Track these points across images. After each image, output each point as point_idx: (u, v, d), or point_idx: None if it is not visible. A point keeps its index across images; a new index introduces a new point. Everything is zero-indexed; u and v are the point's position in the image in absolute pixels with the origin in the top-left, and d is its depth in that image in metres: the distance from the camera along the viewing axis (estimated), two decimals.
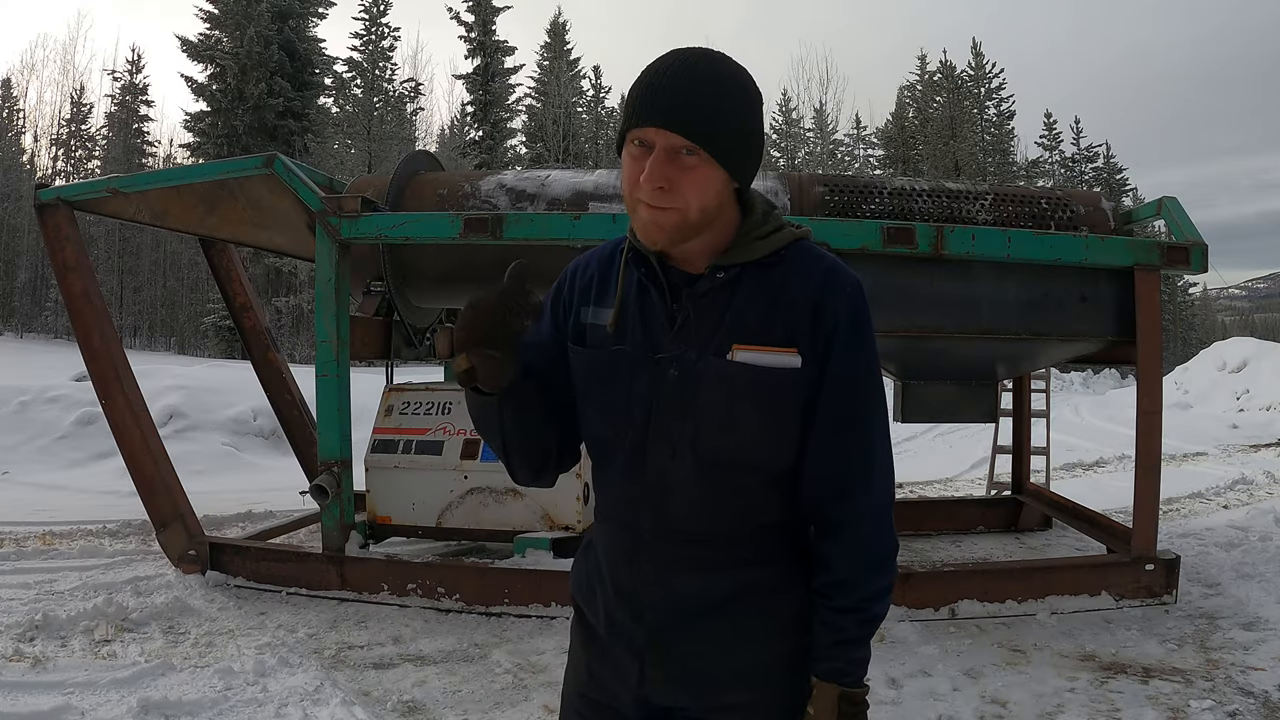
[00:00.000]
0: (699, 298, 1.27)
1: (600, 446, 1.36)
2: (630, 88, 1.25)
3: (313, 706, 3.24)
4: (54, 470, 8.41)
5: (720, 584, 1.30)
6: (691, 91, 1.20)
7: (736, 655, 1.31)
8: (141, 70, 40.92)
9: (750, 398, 1.25)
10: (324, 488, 4.63)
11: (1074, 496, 6.21)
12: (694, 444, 1.27)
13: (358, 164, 31.94)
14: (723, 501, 1.29)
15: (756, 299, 1.26)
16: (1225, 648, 3.91)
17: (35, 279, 35.99)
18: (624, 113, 1.26)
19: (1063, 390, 23.11)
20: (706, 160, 1.20)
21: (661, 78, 1.21)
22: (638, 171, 1.21)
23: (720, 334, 1.26)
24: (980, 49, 42.75)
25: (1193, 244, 4.58)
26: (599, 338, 1.33)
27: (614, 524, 1.37)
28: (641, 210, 1.23)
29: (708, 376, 1.25)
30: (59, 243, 5.18)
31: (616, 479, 1.34)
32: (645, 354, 1.29)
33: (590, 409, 1.35)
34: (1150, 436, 4.55)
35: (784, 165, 42.41)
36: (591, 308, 1.35)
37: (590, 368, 1.33)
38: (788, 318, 1.25)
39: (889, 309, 4.56)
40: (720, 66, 1.23)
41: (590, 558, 1.43)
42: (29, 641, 3.81)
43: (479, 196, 5.11)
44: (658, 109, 1.19)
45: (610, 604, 1.36)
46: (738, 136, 1.23)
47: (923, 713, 3.29)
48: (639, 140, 1.22)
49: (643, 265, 1.30)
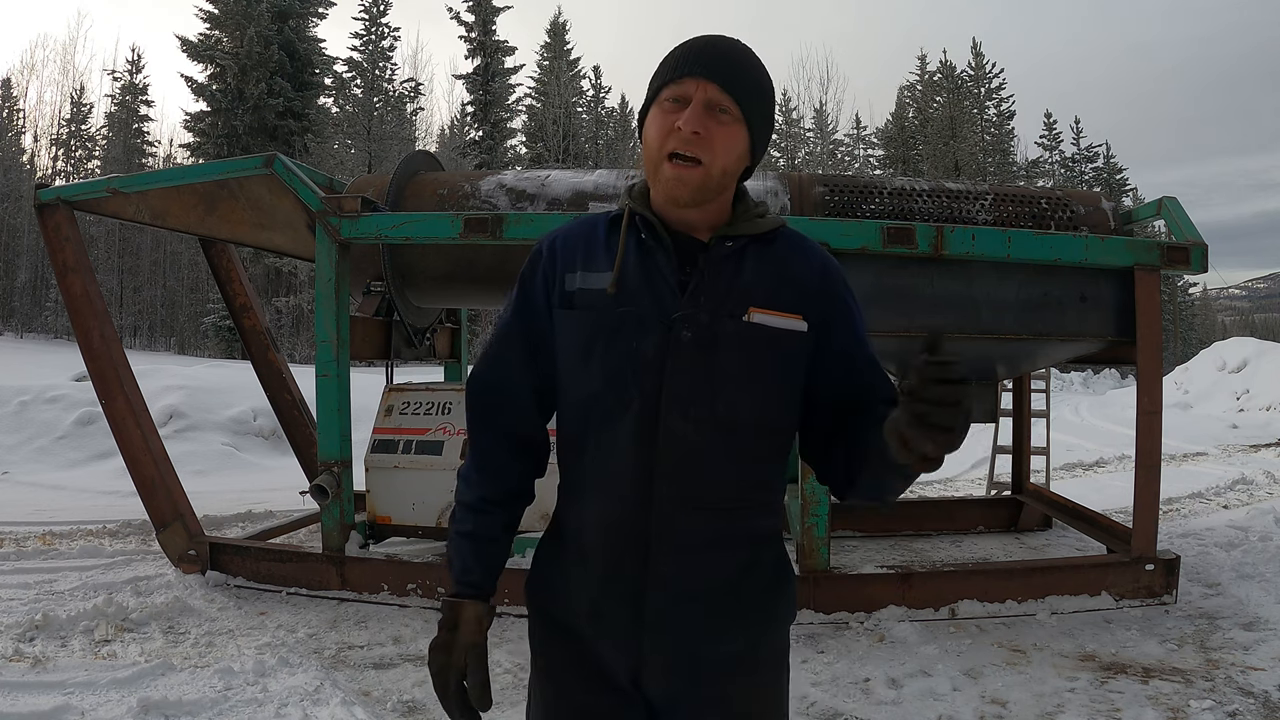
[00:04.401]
0: (713, 264, 1.30)
1: (595, 414, 1.30)
2: (665, 57, 1.32)
3: (313, 706, 3.24)
4: (54, 470, 8.41)
5: (731, 558, 1.31)
6: (733, 54, 1.30)
7: (738, 637, 1.31)
8: (141, 70, 41.00)
9: (768, 358, 1.29)
10: (324, 488, 4.63)
11: (1074, 496, 6.21)
12: (712, 406, 1.27)
13: (358, 164, 31.94)
14: (739, 467, 1.31)
15: (763, 270, 1.32)
16: (1225, 648, 3.91)
17: (35, 279, 36.00)
18: (657, 74, 1.31)
19: (1063, 390, 23.13)
20: (738, 120, 1.28)
21: (702, 41, 1.31)
22: (670, 123, 1.26)
23: (734, 298, 1.29)
24: (980, 49, 42.83)
25: (1193, 244, 4.57)
26: (593, 300, 1.31)
27: (607, 499, 1.29)
28: (666, 168, 1.26)
29: (726, 337, 1.27)
30: (59, 243, 5.18)
31: (619, 448, 1.28)
32: (654, 315, 1.27)
33: (584, 374, 1.31)
34: (1150, 436, 4.55)
35: (784, 165, 42.40)
36: (580, 273, 1.33)
37: (589, 330, 1.30)
38: (794, 290, 1.33)
39: (889, 309, 4.56)
40: (749, 49, 1.33)
41: (559, 548, 1.37)
42: (29, 641, 3.81)
43: (479, 196, 5.11)
44: (700, 63, 1.27)
45: (595, 593, 1.30)
46: (765, 109, 1.32)
47: (923, 713, 3.29)
48: (674, 97, 1.27)
49: (646, 230, 1.31)
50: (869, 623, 4.25)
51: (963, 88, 42.38)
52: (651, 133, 1.29)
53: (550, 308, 1.35)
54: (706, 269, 1.29)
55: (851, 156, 45.50)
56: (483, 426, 1.40)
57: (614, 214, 1.37)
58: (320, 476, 4.67)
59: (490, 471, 1.38)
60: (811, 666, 3.73)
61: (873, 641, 4.04)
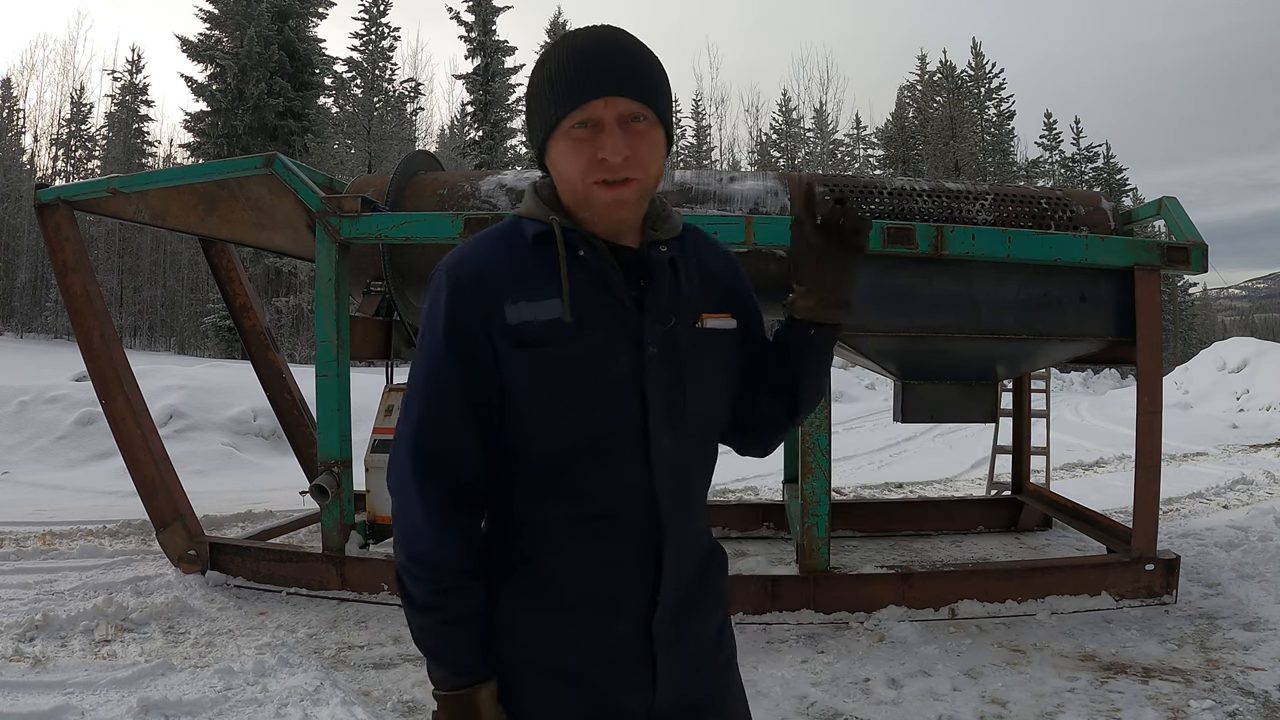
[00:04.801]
0: (658, 273, 1.27)
1: (576, 451, 1.22)
2: (543, 80, 1.21)
3: (313, 706, 3.24)
4: (54, 470, 8.41)
5: (703, 556, 1.35)
6: (626, 56, 1.20)
7: (710, 627, 1.35)
8: (141, 70, 41.03)
9: (718, 360, 1.32)
10: (324, 488, 4.63)
11: (1074, 496, 6.21)
12: (686, 415, 1.27)
13: (358, 164, 31.94)
14: (705, 467, 1.35)
15: (691, 272, 1.32)
16: (1225, 648, 3.91)
17: (35, 279, 36.01)
18: (550, 102, 1.20)
19: (1063, 390, 23.13)
20: (654, 123, 1.21)
21: (590, 54, 1.19)
22: (589, 153, 1.17)
23: (683, 305, 1.28)
24: (980, 49, 42.83)
25: (1193, 244, 4.57)
26: (548, 333, 1.19)
27: (613, 530, 1.24)
28: (598, 192, 1.19)
29: (686, 346, 1.27)
30: (59, 243, 5.18)
31: (618, 477, 1.23)
32: (620, 337, 1.22)
33: (557, 412, 1.21)
34: (1150, 436, 4.54)
35: (784, 165, 42.41)
36: (521, 304, 1.20)
37: (551, 365, 1.20)
38: (719, 289, 1.35)
39: (889, 309, 4.56)
40: (632, 36, 1.24)
41: (547, 599, 1.24)
42: (29, 641, 3.81)
43: (479, 196, 5.11)
44: (601, 80, 1.17)
45: (604, 632, 1.24)
46: (669, 95, 1.26)
47: (923, 713, 3.29)
48: (582, 122, 1.18)
49: (586, 247, 1.23)
50: (869, 623, 4.25)
51: (963, 88, 42.38)
52: (567, 166, 1.20)
53: (494, 348, 1.20)
54: (655, 280, 1.26)
55: (851, 156, 45.51)
56: (442, 505, 1.21)
57: (537, 232, 1.24)
58: (320, 476, 4.67)
59: (462, 545, 1.23)
60: (811, 666, 3.73)
61: (873, 641, 4.04)
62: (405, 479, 1.22)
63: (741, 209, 4.78)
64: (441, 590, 1.21)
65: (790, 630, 4.21)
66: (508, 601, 1.24)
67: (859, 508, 6.52)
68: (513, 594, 1.25)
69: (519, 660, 1.24)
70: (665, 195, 1.36)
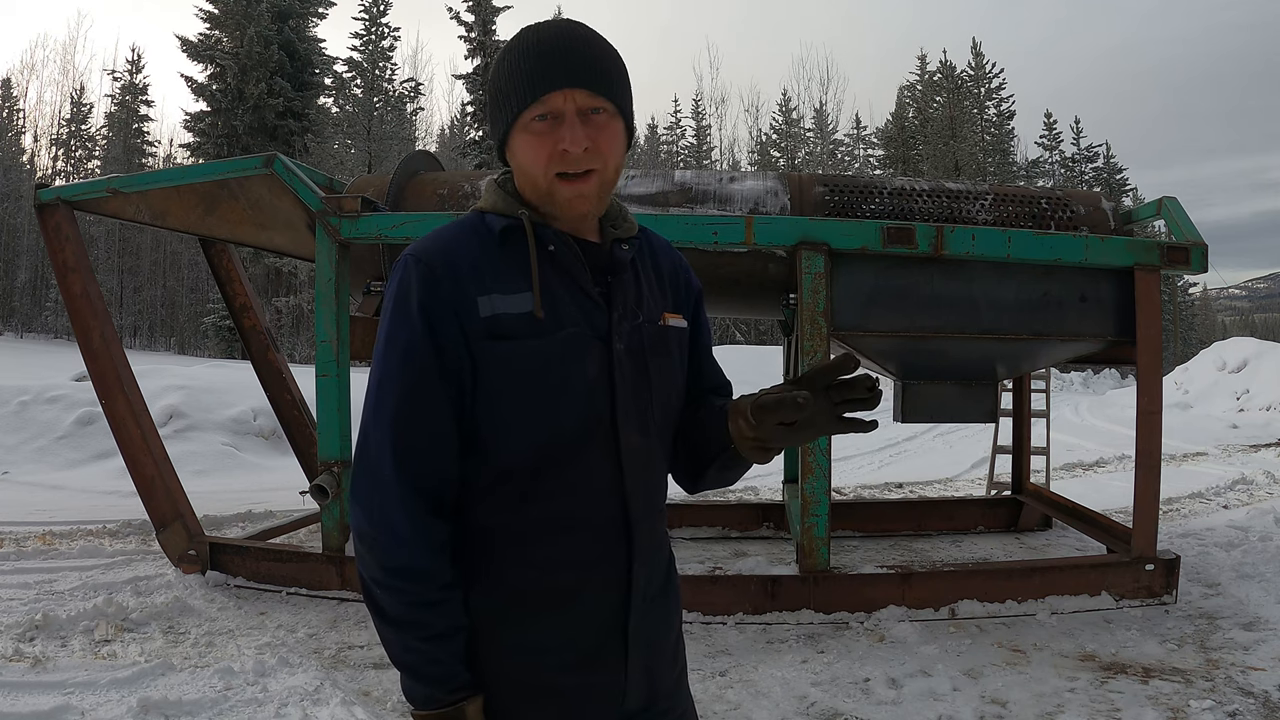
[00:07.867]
0: (619, 271, 1.28)
1: (549, 450, 1.19)
2: (503, 74, 1.22)
3: (313, 706, 3.24)
4: (54, 470, 8.41)
5: (665, 556, 1.36)
6: (584, 47, 1.20)
7: (674, 625, 1.37)
8: (141, 70, 41.06)
9: (676, 359, 1.34)
10: (324, 488, 4.63)
11: (1074, 496, 6.21)
12: (651, 413, 1.28)
13: (358, 164, 31.94)
14: (666, 469, 1.36)
15: (648, 271, 1.34)
16: (1225, 648, 3.91)
17: (35, 279, 36.02)
18: (507, 96, 1.20)
19: (1063, 390, 23.12)
20: (614, 114, 1.22)
21: (547, 46, 1.19)
22: (549, 145, 1.18)
23: (645, 304, 1.30)
24: (980, 49, 42.82)
25: (1193, 244, 4.57)
26: (520, 327, 1.18)
27: (584, 532, 1.22)
28: (560, 188, 1.19)
29: (652, 345, 1.28)
30: (59, 243, 5.18)
31: (589, 476, 1.21)
32: (589, 333, 1.21)
33: (531, 409, 1.18)
34: (1150, 436, 4.54)
35: (784, 165, 42.42)
36: (492, 296, 1.18)
37: (525, 361, 1.18)
38: (672, 289, 1.37)
39: (889, 309, 4.56)
40: (591, 29, 1.24)
41: (516, 604, 1.21)
42: (29, 641, 3.81)
43: (479, 196, 5.10)
44: (559, 72, 1.17)
45: (574, 635, 1.22)
46: (629, 87, 1.25)
47: (923, 713, 3.29)
48: (542, 115, 1.18)
49: (556, 243, 1.23)
50: (869, 623, 4.25)
51: (963, 88, 42.38)
52: (528, 159, 1.20)
53: (467, 340, 1.17)
54: (620, 277, 1.27)
55: (851, 156, 45.53)
56: (424, 509, 1.17)
57: (504, 226, 1.23)
58: (320, 476, 4.67)
59: (442, 554, 1.18)
60: (811, 666, 3.73)
61: (873, 641, 4.04)
62: (382, 478, 1.16)
63: (741, 209, 4.78)
64: (424, 604, 1.15)
65: (790, 630, 4.21)
66: (475, 607, 1.20)
67: (859, 507, 6.52)
68: (480, 599, 1.21)
69: (489, 668, 1.20)
70: (665, 195, 1.37)
